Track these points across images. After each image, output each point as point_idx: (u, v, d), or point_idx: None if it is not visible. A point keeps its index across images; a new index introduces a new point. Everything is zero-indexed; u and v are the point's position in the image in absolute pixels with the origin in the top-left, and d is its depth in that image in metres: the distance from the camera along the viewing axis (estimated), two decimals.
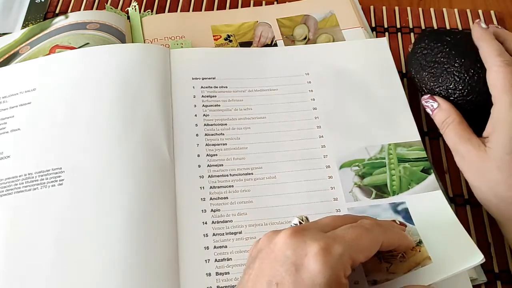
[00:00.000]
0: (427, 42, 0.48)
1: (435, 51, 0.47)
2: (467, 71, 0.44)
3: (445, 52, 0.46)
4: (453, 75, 0.45)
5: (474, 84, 0.44)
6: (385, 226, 0.38)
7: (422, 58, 0.48)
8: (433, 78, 0.46)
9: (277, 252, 0.33)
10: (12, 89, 0.50)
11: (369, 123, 0.49)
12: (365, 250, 0.35)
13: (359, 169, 0.47)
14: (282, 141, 0.48)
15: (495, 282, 0.43)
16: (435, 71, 0.46)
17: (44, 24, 0.56)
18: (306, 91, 0.51)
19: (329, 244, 0.33)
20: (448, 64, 0.45)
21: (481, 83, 0.44)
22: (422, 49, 0.48)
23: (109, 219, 0.42)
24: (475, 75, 0.44)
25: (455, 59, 0.45)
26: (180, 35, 0.56)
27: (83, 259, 0.40)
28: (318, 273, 0.32)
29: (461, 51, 0.45)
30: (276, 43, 0.57)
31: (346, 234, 0.34)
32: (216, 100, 0.50)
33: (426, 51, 0.47)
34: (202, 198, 0.45)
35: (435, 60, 0.46)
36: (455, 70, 0.45)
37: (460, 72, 0.45)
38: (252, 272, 0.34)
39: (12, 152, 0.46)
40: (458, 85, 0.45)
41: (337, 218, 0.37)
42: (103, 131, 0.46)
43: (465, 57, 0.45)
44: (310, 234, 0.34)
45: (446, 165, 0.49)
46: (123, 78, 0.49)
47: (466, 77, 0.44)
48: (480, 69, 0.44)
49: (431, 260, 0.39)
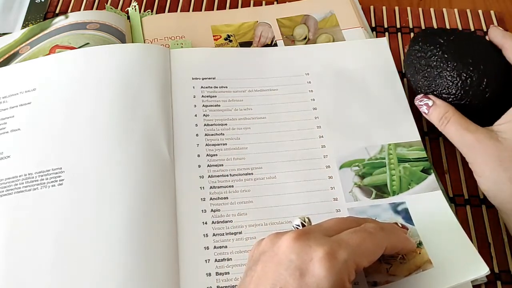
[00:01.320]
0: (421, 45, 0.47)
1: (428, 54, 0.46)
2: (459, 75, 0.44)
3: (438, 56, 0.45)
4: (446, 79, 0.45)
5: (467, 88, 0.44)
6: (388, 230, 0.38)
7: (417, 61, 0.47)
8: (427, 82, 0.46)
9: (281, 256, 0.33)
10: (12, 89, 0.50)
11: (369, 123, 0.49)
12: (369, 255, 0.35)
13: (359, 169, 0.47)
14: (282, 141, 0.48)
15: (495, 282, 0.43)
16: (429, 75, 0.46)
17: (44, 24, 0.56)
18: (306, 91, 0.51)
19: (334, 249, 0.33)
20: (440, 68, 0.45)
21: (474, 86, 0.44)
22: (416, 52, 0.47)
23: (109, 219, 0.42)
24: (467, 79, 0.44)
25: (448, 63, 0.45)
26: (180, 35, 0.56)
27: (83, 259, 0.40)
28: (323, 278, 0.32)
29: (454, 54, 0.45)
30: (276, 43, 0.57)
31: (351, 238, 0.34)
32: (216, 100, 0.50)
33: (420, 54, 0.47)
34: (202, 198, 0.45)
35: (428, 64, 0.46)
36: (447, 74, 0.45)
37: (453, 76, 0.44)
38: (255, 275, 0.34)
39: (12, 152, 0.46)
40: (451, 89, 0.44)
41: (340, 221, 0.37)
42: (103, 131, 0.46)
43: (457, 60, 0.44)
44: (315, 239, 0.34)
45: (446, 165, 0.49)
46: (123, 78, 0.49)
47: (458, 81, 0.44)
48: (473, 72, 0.44)
49: (432, 264, 0.39)
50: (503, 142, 0.41)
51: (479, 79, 0.44)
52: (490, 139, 0.42)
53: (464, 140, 0.43)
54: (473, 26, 0.59)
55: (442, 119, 0.44)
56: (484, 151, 0.42)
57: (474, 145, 0.42)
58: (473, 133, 0.42)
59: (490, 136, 0.42)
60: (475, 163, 0.43)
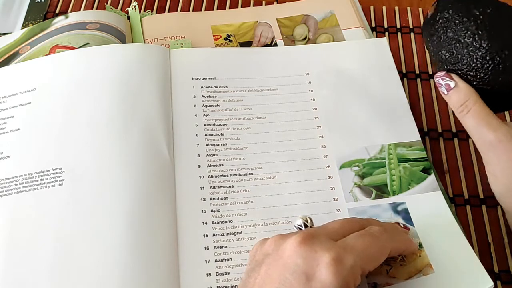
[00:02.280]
0: (451, 13, 0.41)
1: (459, 27, 0.40)
2: (492, 59, 0.39)
3: (471, 31, 0.39)
4: (475, 60, 0.39)
5: (498, 74, 0.39)
6: (392, 233, 0.37)
7: (443, 31, 0.41)
8: (452, 59, 0.41)
9: (286, 259, 0.33)
10: (12, 89, 0.50)
11: (369, 123, 0.49)
12: (374, 259, 0.35)
13: (359, 169, 0.47)
14: (282, 141, 0.48)
15: (495, 282, 0.43)
16: (456, 51, 0.40)
17: (44, 24, 0.56)
18: (306, 91, 0.51)
19: (340, 254, 0.33)
20: (471, 46, 0.39)
21: (506, 73, 0.39)
22: (445, 20, 0.41)
23: (109, 219, 0.42)
24: (500, 64, 0.39)
25: (481, 42, 0.39)
26: (180, 35, 0.56)
27: (82, 259, 0.40)
28: (329, 284, 0.32)
29: (489, 32, 0.39)
30: (276, 43, 0.57)
31: (356, 243, 0.34)
32: (216, 100, 0.50)
33: (448, 23, 0.41)
34: (202, 198, 0.45)
35: (457, 38, 0.40)
36: (479, 55, 0.39)
37: (484, 58, 0.39)
38: (258, 277, 0.34)
39: (12, 152, 0.46)
40: (479, 72, 0.39)
41: (345, 223, 0.37)
42: (103, 131, 0.46)
43: (492, 40, 0.39)
44: (321, 243, 0.34)
45: (446, 165, 0.49)
46: (123, 78, 0.49)
47: (490, 65, 0.39)
48: (507, 56, 0.39)
49: (433, 269, 0.39)
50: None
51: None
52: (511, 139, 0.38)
53: (484, 136, 0.39)
54: None
55: (463, 107, 0.40)
56: (503, 153, 0.38)
57: (494, 144, 0.38)
58: (494, 131, 0.38)
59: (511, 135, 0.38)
60: (490, 162, 0.39)
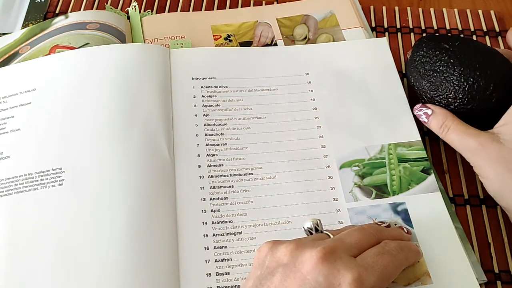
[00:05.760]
0: (425, 50, 0.47)
1: (434, 60, 0.46)
2: (466, 80, 0.44)
3: (444, 61, 0.46)
4: (452, 84, 0.45)
5: (474, 93, 0.44)
6: (407, 249, 0.39)
7: (421, 66, 0.47)
8: (433, 87, 0.46)
9: (305, 275, 0.33)
10: (12, 89, 0.50)
11: (369, 123, 0.49)
12: (391, 278, 0.37)
13: (359, 169, 0.47)
14: (282, 141, 0.48)
15: (495, 282, 0.43)
16: (435, 80, 0.46)
17: (44, 24, 0.56)
18: (306, 91, 0.51)
19: (361, 274, 0.34)
20: (447, 73, 0.45)
21: (481, 91, 0.44)
22: (421, 57, 0.47)
23: (109, 219, 0.42)
24: (474, 84, 0.44)
25: (454, 68, 0.45)
26: (180, 35, 0.56)
27: (83, 259, 0.40)
28: None
29: (460, 59, 0.45)
30: (276, 43, 0.57)
31: (377, 263, 0.35)
32: (216, 100, 0.50)
33: (425, 59, 0.47)
34: (202, 198, 0.45)
35: (434, 68, 0.46)
36: (454, 79, 0.45)
37: (460, 81, 0.44)
38: (272, 286, 0.34)
39: (12, 152, 0.46)
40: (458, 94, 0.45)
41: (361, 238, 0.37)
42: (103, 131, 0.46)
43: (464, 65, 0.45)
44: (342, 261, 0.34)
45: (446, 165, 0.49)
46: (123, 78, 0.49)
47: (465, 86, 0.44)
48: (479, 77, 0.44)
49: (431, 279, 0.40)
50: (505, 144, 0.41)
51: (486, 84, 0.44)
52: (492, 141, 0.42)
53: (467, 145, 0.43)
54: (473, 26, 0.59)
55: (442, 127, 0.45)
56: (487, 154, 0.42)
57: (478, 149, 0.42)
58: (475, 137, 0.43)
59: (492, 138, 0.42)
60: (479, 167, 0.43)
